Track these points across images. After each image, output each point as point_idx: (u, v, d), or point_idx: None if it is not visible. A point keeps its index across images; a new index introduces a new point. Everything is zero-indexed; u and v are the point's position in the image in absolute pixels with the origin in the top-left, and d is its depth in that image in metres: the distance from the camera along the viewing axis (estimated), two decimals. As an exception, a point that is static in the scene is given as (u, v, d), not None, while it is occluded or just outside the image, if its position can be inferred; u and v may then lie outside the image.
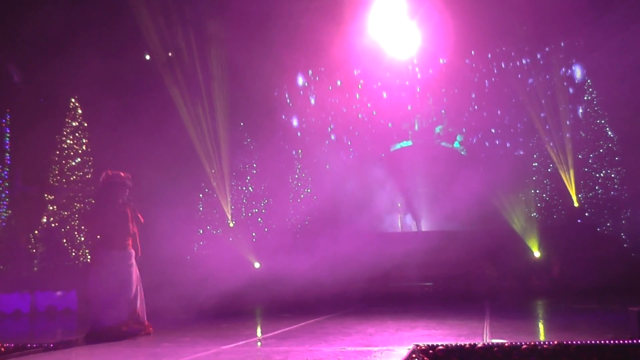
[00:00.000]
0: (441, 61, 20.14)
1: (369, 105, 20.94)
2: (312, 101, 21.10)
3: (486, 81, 20.58)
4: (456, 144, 20.52)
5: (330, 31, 19.19)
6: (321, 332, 8.49)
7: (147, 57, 19.45)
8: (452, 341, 6.51)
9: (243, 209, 19.96)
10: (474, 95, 20.66)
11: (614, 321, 8.20)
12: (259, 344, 7.77)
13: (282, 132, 21.17)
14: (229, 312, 12.74)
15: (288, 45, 20.09)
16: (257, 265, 18.04)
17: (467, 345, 6.20)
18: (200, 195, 19.87)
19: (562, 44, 19.84)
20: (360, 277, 15.40)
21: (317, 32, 19.62)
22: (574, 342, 6.20)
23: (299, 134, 21.34)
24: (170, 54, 19.30)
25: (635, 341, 6.27)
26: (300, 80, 21.24)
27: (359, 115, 20.94)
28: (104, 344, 7.77)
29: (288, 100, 21.26)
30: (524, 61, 20.31)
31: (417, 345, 6.36)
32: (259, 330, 9.62)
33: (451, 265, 15.10)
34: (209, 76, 19.37)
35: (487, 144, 20.40)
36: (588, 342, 6.26)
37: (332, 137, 21.11)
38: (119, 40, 17.92)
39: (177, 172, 18.89)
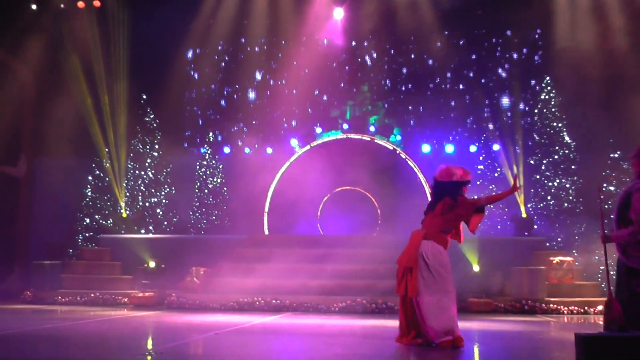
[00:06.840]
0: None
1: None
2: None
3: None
4: (392, 138, 19.73)
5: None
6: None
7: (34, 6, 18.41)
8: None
9: (140, 197, 18.79)
10: (410, 86, 20.19)
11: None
12: None
13: (190, 109, 20.34)
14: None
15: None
16: (152, 264, 16.98)
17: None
18: (90, 178, 18.69)
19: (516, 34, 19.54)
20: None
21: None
22: None
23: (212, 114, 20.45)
24: (62, 5, 18.37)
25: None
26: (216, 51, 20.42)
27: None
28: None
29: (196, 76, 20.41)
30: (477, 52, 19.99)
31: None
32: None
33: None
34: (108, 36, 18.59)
35: (434, 144, 19.80)
36: None
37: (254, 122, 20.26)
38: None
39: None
